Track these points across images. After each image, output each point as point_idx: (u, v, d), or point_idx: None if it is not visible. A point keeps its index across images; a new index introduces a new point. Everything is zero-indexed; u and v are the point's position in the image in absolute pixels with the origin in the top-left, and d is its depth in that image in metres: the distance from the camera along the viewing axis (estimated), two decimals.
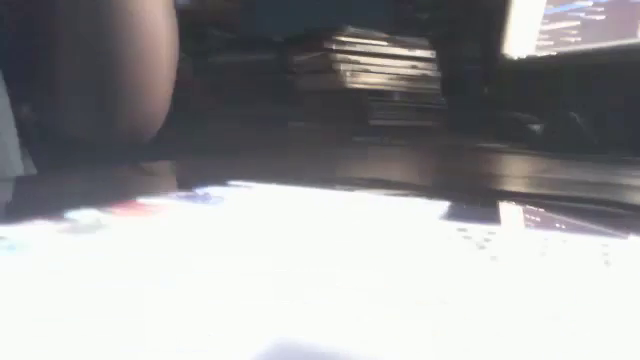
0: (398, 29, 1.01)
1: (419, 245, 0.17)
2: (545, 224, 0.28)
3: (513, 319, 0.12)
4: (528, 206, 0.30)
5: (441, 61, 0.97)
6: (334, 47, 0.87)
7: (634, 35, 0.68)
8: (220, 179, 0.27)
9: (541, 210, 0.29)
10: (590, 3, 0.78)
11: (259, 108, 0.98)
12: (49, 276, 0.13)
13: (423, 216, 0.22)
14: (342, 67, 0.86)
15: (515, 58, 0.90)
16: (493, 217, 0.27)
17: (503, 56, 0.91)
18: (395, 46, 0.92)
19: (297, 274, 0.14)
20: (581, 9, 0.79)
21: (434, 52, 0.95)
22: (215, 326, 0.11)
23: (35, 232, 0.16)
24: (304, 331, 0.11)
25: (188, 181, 0.29)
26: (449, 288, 0.13)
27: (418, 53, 0.94)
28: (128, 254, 0.15)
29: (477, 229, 0.19)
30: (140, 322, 0.11)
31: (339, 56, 0.87)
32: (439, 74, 0.96)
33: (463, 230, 0.19)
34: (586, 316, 0.12)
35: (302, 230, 0.19)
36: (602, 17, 0.75)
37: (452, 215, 0.22)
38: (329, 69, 0.88)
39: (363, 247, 0.17)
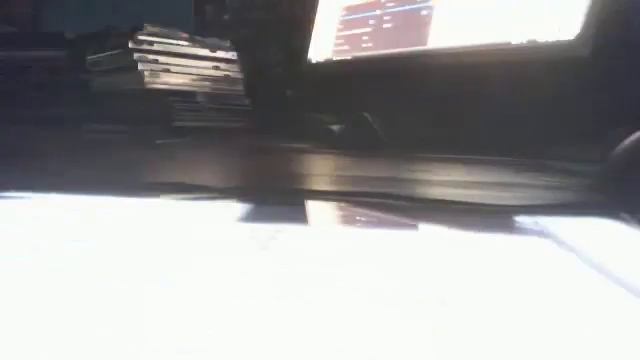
0: (203, 30, 0.99)
1: (213, 247, 0.17)
2: (346, 220, 0.29)
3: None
4: (326, 202, 0.31)
5: (245, 63, 0.98)
6: (131, 45, 0.83)
7: (421, 43, 0.75)
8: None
9: (345, 205, 0.30)
10: (378, 12, 0.84)
11: (50, 109, 0.90)
12: None
13: (221, 218, 0.22)
14: (140, 66, 0.83)
15: (315, 61, 0.93)
16: (289, 216, 0.27)
17: (305, 59, 0.94)
18: (196, 46, 0.90)
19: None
20: (372, 17, 0.85)
21: (236, 54, 0.96)
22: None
23: None
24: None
25: None
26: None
27: (220, 54, 0.93)
28: None
29: (266, 229, 0.19)
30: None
31: (137, 55, 0.83)
32: (242, 75, 0.96)
33: (255, 230, 0.19)
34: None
35: (92, 237, 0.17)
36: (389, 25, 0.81)
37: (249, 216, 0.22)
38: (127, 68, 0.84)
39: (162, 252, 0.16)
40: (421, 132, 0.68)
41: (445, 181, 0.43)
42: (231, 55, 0.95)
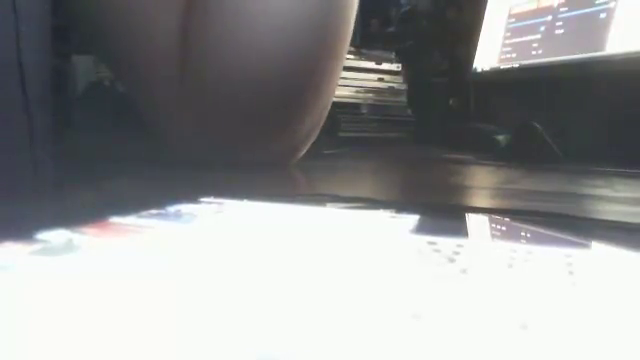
0: (365, 43, 1.02)
1: (390, 258, 0.18)
2: (511, 235, 0.28)
3: (484, 330, 0.12)
4: (494, 216, 0.31)
5: (409, 74, 0.99)
6: None
7: (592, 49, 0.70)
8: (190, 196, 0.27)
9: (507, 220, 0.30)
10: (549, 18, 0.80)
11: None
12: (19, 299, 0.13)
13: (393, 230, 0.22)
14: None
15: (480, 70, 0.92)
16: (461, 229, 0.27)
17: (469, 68, 0.93)
18: (362, 59, 0.93)
19: (277, 290, 0.14)
20: (542, 23, 0.81)
21: (400, 65, 0.97)
22: (201, 348, 0.11)
23: (4, 255, 0.16)
24: (280, 346, 0.11)
25: (158, 198, 0.29)
26: (422, 302, 0.14)
27: (385, 66, 0.95)
28: (106, 275, 0.15)
29: (446, 242, 0.20)
30: (123, 348, 0.11)
31: None
32: (405, 86, 0.97)
33: (433, 243, 0.19)
34: (553, 325, 0.12)
35: (280, 246, 0.19)
36: (562, 31, 0.77)
37: (421, 228, 0.23)
38: None
39: (337, 261, 0.17)
40: (597, 144, 0.64)
41: (627, 198, 0.40)
42: (395, 67, 0.96)
